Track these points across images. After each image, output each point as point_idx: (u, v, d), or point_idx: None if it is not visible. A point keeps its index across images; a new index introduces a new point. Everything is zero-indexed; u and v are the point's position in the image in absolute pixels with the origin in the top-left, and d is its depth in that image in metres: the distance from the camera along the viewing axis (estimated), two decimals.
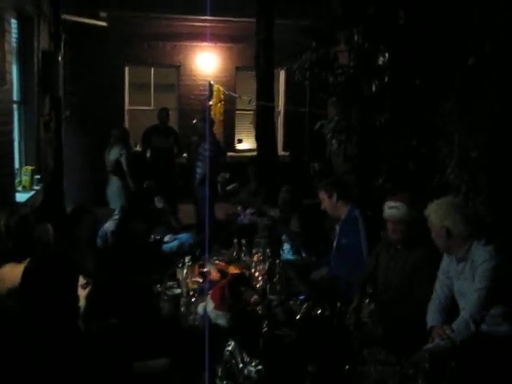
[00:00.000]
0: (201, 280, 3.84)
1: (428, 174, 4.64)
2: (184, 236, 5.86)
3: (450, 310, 3.26)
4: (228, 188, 7.12)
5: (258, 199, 6.86)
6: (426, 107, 4.69)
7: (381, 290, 3.56)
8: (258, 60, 8.72)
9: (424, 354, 2.55)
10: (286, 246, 5.16)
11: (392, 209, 3.67)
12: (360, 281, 3.66)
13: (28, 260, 2.89)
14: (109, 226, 4.78)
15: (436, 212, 3.21)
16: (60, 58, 7.42)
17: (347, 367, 2.63)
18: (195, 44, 10.72)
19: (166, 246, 5.69)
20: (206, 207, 7.01)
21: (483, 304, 3.02)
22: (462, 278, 3.20)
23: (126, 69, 10.68)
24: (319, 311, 3.12)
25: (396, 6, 5.05)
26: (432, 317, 3.25)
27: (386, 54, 5.11)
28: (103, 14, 9.79)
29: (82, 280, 3.26)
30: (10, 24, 5.57)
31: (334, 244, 4.48)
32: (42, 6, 7.01)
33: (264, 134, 9.08)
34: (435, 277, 3.39)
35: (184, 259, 3.90)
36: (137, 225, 6.31)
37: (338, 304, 3.17)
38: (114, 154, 7.23)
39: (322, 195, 4.44)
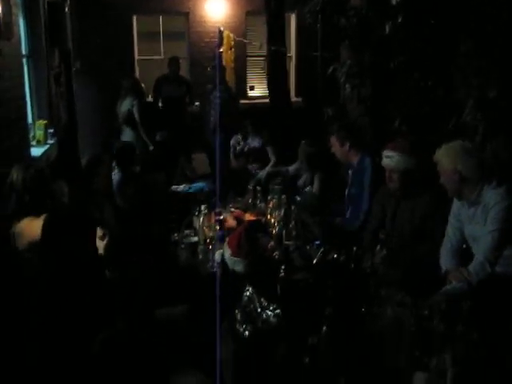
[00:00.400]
0: (217, 227, 3.87)
1: (444, 116, 4.57)
2: (199, 185, 5.90)
3: (463, 253, 3.28)
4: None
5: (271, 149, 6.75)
6: (442, 47, 4.58)
7: (391, 238, 3.55)
8: (268, 3, 8.53)
9: (440, 296, 2.57)
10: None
11: (387, 158, 3.64)
12: (370, 229, 3.67)
13: (46, 214, 2.94)
14: (115, 177, 4.79)
15: (447, 156, 3.16)
16: (67, 9, 7.31)
17: (363, 309, 2.67)
18: None
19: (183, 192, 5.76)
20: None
21: (497, 245, 3.03)
22: (473, 223, 3.19)
23: (134, 18, 10.50)
24: (335, 255, 3.14)
25: None
26: (446, 260, 3.27)
27: None
28: None
29: (99, 231, 3.32)
30: None
31: (346, 192, 4.47)
32: None
33: (276, 80, 8.97)
34: (446, 221, 3.39)
35: (200, 207, 3.93)
36: (157, 175, 6.34)
37: (354, 248, 3.19)
38: (125, 104, 7.20)
39: (334, 141, 4.40)
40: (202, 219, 3.85)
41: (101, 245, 3.35)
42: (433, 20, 4.72)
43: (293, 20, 11.00)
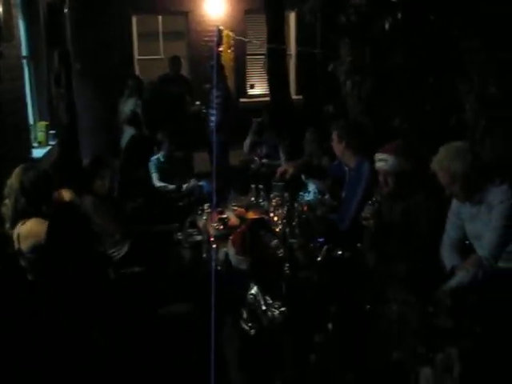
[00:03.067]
0: (221, 226, 3.88)
1: (445, 112, 4.57)
2: (202, 183, 5.91)
3: (465, 250, 3.28)
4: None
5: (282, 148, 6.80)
6: (442, 44, 4.58)
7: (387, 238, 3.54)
8: (267, 1, 8.52)
9: (445, 291, 2.58)
10: (312, 187, 5.10)
11: (380, 161, 3.58)
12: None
13: (50, 217, 2.94)
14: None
15: (444, 159, 3.13)
16: (66, 10, 7.31)
17: (368, 307, 2.68)
18: None
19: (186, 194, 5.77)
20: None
21: (501, 241, 3.03)
22: (477, 220, 3.18)
23: (134, 18, 10.49)
24: (339, 252, 3.15)
25: None
26: (449, 257, 3.27)
27: None
28: None
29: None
30: None
31: (343, 194, 4.42)
32: None
33: (276, 78, 8.97)
34: (443, 219, 3.38)
35: (203, 206, 3.94)
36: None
37: (359, 245, 3.19)
38: (129, 104, 7.20)
39: (334, 136, 4.37)
40: (205, 218, 3.86)
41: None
42: (432, 16, 4.73)
43: (292, 18, 10.99)
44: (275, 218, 3.92)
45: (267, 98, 9.40)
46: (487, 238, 3.07)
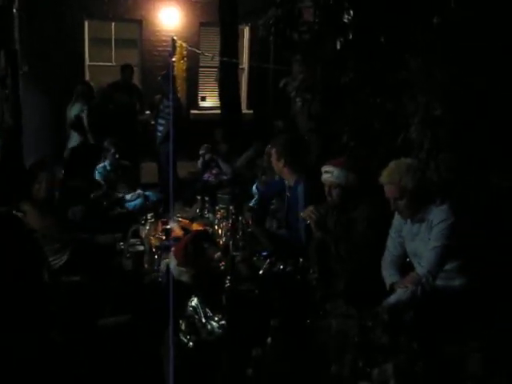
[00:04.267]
0: (163, 237, 3.83)
1: (392, 132, 4.66)
2: (147, 194, 5.84)
3: (404, 266, 3.34)
4: None
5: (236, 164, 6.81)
6: (390, 65, 4.68)
7: (334, 252, 3.57)
8: (222, 13, 8.56)
9: (384, 306, 2.61)
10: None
11: (326, 173, 3.66)
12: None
13: None
14: None
15: (394, 173, 3.18)
16: (15, 10, 7.13)
17: (308, 321, 2.68)
18: None
19: (129, 204, 5.66)
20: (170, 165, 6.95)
21: (440, 261, 3.10)
22: (417, 239, 3.24)
23: (86, 23, 10.33)
24: (281, 266, 3.15)
25: None
26: (389, 273, 3.32)
27: (351, 11, 5.06)
28: None
29: None
30: None
31: (284, 214, 4.43)
32: None
33: (227, 92, 8.98)
34: (383, 232, 3.44)
35: (146, 216, 3.88)
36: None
37: (301, 260, 3.20)
38: (75, 109, 7.09)
39: (273, 153, 4.38)
40: (148, 228, 3.80)
41: None
42: (382, 37, 4.84)
43: (246, 32, 11.07)
44: (219, 231, 3.90)
45: (218, 111, 9.39)
46: (426, 256, 3.13)
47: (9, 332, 2.40)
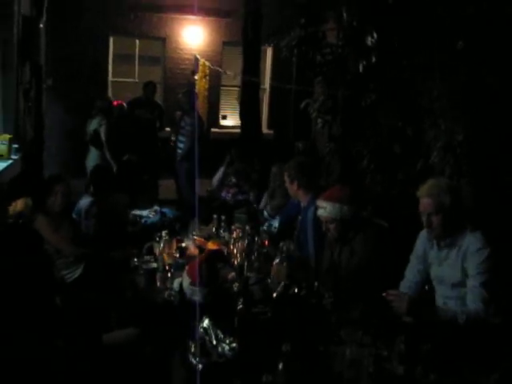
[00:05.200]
0: (177, 255, 3.79)
1: (413, 156, 4.60)
2: (164, 210, 5.81)
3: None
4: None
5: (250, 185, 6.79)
6: (413, 89, 4.64)
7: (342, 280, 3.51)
8: (245, 33, 8.60)
9: (400, 336, 2.52)
10: (273, 222, 5.05)
11: (321, 209, 3.58)
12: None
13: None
14: (84, 202, 4.68)
15: (434, 187, 3.07)
16: (42, 25, 7.23)
17: (322, 348, 2.61)
18: (182, 17, 10.52)
19: (146, 220, 5.63)
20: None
21: (490, 296, 2.90)
22: (445, 265, 3.13)
23: (111, 39, 10.46)
24: (296, 290, 3.08)
25: None
26: None
27: (375, 34, 5.03)
28: None
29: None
30: None
31: (296, 234, 4.35)
32: None
33: (248, 111, 8.99)
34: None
35: (161, 233, 3.84)
36: (119, 198, 6.20)
37: (316, 283, 3.14)
38: (94, 124, 7.14)
39: (286, 178, 4.33)
40: (162, 245, 3.77)
41: None
42: (405, 61, 4.80)
43: (269, 53, 11.10)
44: (235, 251, 3.85)
45: (238, 130, 9.40)
46: (476, 293, 2.93)
47: (13, 340, 2.37)
